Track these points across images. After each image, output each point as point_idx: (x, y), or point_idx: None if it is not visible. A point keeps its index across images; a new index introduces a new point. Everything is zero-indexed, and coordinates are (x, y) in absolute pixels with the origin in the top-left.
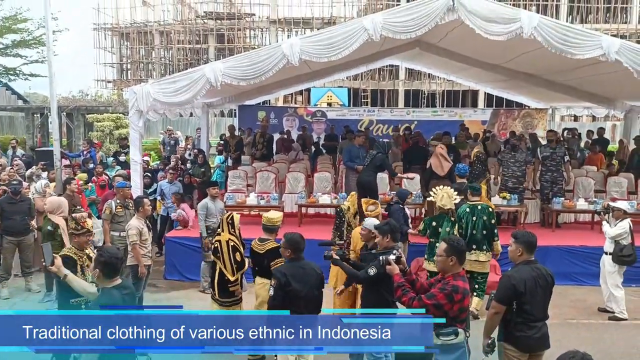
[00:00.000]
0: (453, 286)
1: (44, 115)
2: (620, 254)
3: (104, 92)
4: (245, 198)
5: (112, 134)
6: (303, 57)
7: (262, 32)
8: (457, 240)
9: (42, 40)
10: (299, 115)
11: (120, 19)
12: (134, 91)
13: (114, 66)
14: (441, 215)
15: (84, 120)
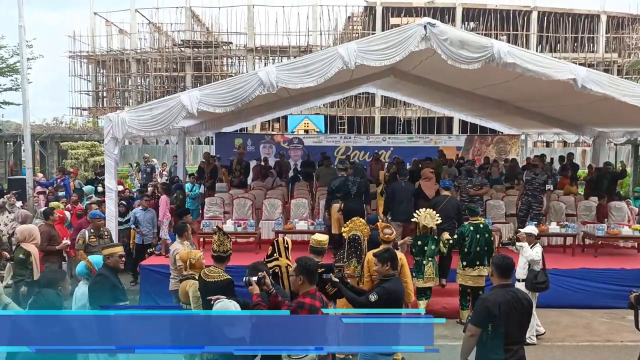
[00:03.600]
0: (298, 302)
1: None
2: (535, 281)
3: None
4: (222, 225)
5: (87, 161)
6: (280, 84)
7: (240, 60)
8: (306, 260)
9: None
10: (276, 142)
11: (96, 47)
12: (110, 119)
13: (89, 94)
14: (424, 235)
15: (58, 148)
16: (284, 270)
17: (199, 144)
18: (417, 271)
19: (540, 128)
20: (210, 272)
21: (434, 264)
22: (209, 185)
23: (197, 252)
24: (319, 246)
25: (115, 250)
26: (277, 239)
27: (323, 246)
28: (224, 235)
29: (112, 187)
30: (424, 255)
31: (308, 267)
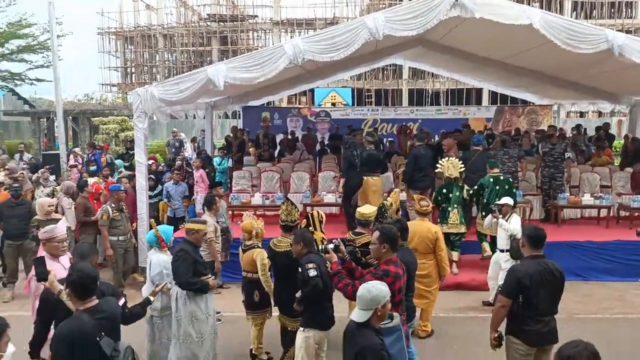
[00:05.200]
0: (384, 270)
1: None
2: (519, 250)
3: (108, 96)
4: (250, 198)
5: (118, 136)
6: (306, 56)
7: (265, 33)
8: (388, 228)
9: (47, 45)
10: (303, 115)
11: (124, 23)
12: (138, 93)
13: (118, 70)
14: (449, 183)
15: (90, 124)
16: (319, 244)
17: (226, 118)
18: (442, 217)
19: (573, 98)
20: (279, 242)
21: (459, 210)
22: (236, 159)
23: (260, 222)
24: (363, 218)
25: (202, 227)
26: (312, 212)
27: (367, 218)
28: (291, 205)
29: (142, 161)
30: (449, 202)
31: (391, 234)
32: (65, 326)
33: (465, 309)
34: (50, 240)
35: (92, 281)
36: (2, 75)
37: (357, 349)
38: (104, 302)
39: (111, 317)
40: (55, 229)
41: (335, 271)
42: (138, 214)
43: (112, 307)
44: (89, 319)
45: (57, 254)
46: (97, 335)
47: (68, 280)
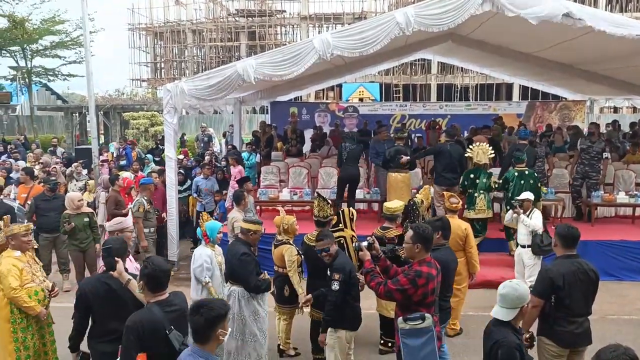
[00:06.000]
0: (416, 271)
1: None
2: (541, 245)
3: (138, 91)
4: (278, 193)
5: (148, 131)
6: (335, 51)
7: (293, 28)
8: (422, 227)
9: (80, 41)
10: (331, 111)
11: (154, 19)
12: (168, 89)
13: (148, 65)
14: (477, 168)
15: (120, 119)
16: (349, 242)
17: (254, 113)
18: (469, 203)
19: (607, 93)
20: (313, 236)
21: (485, 196)
22: (264, 154)
23: (290, 217)
24: (389, 213)
25: (259, 228)
26: (343, 209)
27: (393, 213)
28: (323, 201)
29: (172, 156)
30: (475, 188)
31: (425, 234)
32: (136, 317)
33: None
34: (122, 231)
35: (165, 275)
36: (37, 71)
37: (491, 343)
38: (174, 296)
39: (181, 311)
40: (126, 221)
41: (367, 269)
42: (167, 208)
43: (182, 301)
44: (159, 311)
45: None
46: (166, 328)
47: (142, 272)
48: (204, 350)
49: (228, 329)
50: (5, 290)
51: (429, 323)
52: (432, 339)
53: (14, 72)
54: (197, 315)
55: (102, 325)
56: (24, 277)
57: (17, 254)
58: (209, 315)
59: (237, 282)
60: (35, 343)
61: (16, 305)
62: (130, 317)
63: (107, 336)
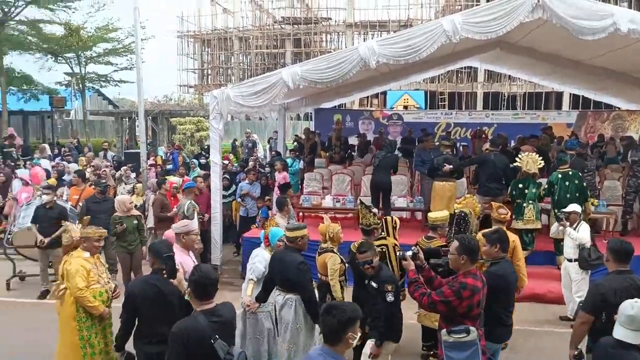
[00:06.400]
0: (461, 283)
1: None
2: (589, 259)
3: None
4: (320, 200)
5: (194, 136)
6: (380, 59)
7: (339, 35)
8: (468, 239)
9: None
10: (375, 118)
11: (202, 27)
12: (215, 95)
13: (195, 72)
14: (526, 178)
15: (168, 124)
16: (391, 250)
17: (298, 120)
18: (517, 213)
19: None
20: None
21: (534, 206)
22: (308, 160)
23: (335, 225)
24: (432, 223)
25: (305, 232)
26: (386, 217)
27: (434, 222)
28: (366, 209)
29: (217, 161)
30: (524, 198)
31: (471, 246)
32: (181, 325)
33: (542, 322)
34: (188, 234)
35: (212, 283)
36: (90, 77)
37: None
38: (222, 306)
39: (227, 322)
40: (192, 224)
41: (411, 279)
42: (212, 212)
43: (229, 312)
44: (204, 320)
45: (192, 247)
46: (211, 337)
47: (190, 279)
48: (333, 351)
49: (358, 334)
50: (72, 289)
51: (474, 336)
52: (477, 353)
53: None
54: (329, 316)
55: (148, 327)
56: (91, 278)
57: (86, 255)
58: (341, 318)
59: (293, 291)
60: (99, 341)
61: (81, 304)
62: (176, 325)
63: (153, 338)
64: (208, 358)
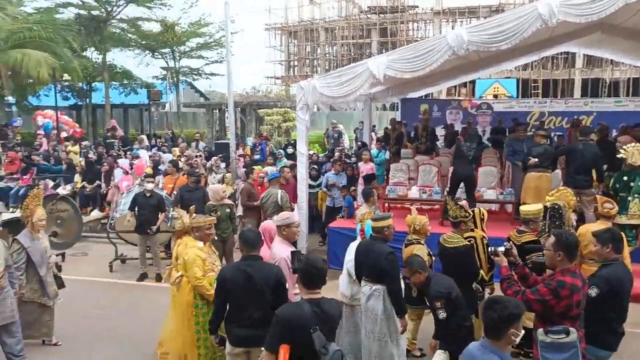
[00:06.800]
0: (559, 281)
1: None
2: None
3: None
4: (406, 191)
5: (280, 127)
6: (470, 47)
7: (425, 24)
8: (566, 235)
9: (222, 42)
10: (463, 108)
11: (289, 19)
12: (301, 86)
13: (282, 63)
14: (632, 171)
15: (256, 115)
16: (479, 242)
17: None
18: (621, 207)
19: None
20: (449, 237)
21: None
22: (394, 151)
23: (422, 217)
24: (525, 216)
25: (390, 222)
26: (473, 209)
27: (526, 216)
28: (452, 201)
29: (303, 152)
30: (629, 191)
31: (569, 242)
32: (286, 310)
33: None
34: (289, 226)
35: (318, 273)
36: (183, 71)
37: None
38: (328, 301)
39: (329, 317)
40: (293, 216)
41: (504, 276)
42: (298, 202)
43: (333, 308)
44: (309, 309)
45: (293, 239)
46: (312, 326)
47: (298, 268)
48: (494, 346)
49: (521, 331)
50: (190, 279)
51: (574, 338)
52: (577, 356)
53: (165, 73)
54: (490, 311)
55: (238, 311)
56: (206, 266)
57: (200, 245)
58: (503, 314)
59: (380, 282)
60: None
61: (199, 292)
62: (281, 308)
63: (243, 321)
64: (305, 346)
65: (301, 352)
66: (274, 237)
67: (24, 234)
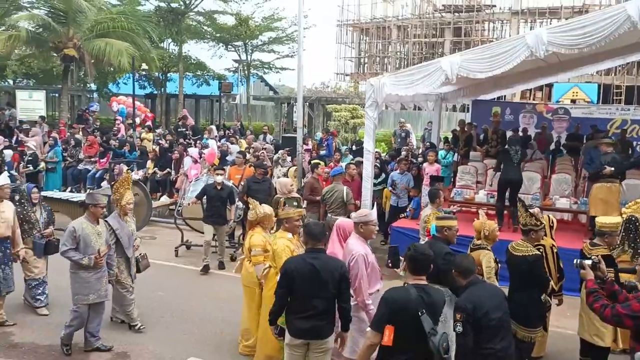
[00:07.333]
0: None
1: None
2: None
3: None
4: (473, 195)
5: (348, 123)
6: (550, 48)
7: (502, 24)
8: None
9: (294, 37)
10: (538, 112)
11: (361, 15)
12: (371, 83)
13: (352, 60)
14: None
15: (324, 110)
16: (549, 251)
17: (453, 111)
18: None
19: None
20: (518, 245)
21: None
22: (462, 153)
23: (491, 223)
24: (601, 228)
25: (454, 223)
26: (542, 216)
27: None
28: (522, 208)
29: (370, 149)
30: None
31: None
32: (393, 292)
33: None
34: (367, 223)
35: (425, 259)
36: (254, 64)
37: None
38: (434, 289)
39: (434, 303)
40: (372, 214)
41: (591, 289)
42: (362, 200)
43: (439, 296)
44: (415, 293)
45: (370, 236)
46: (419, 309)
47: (406, 254)
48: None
49: None
50: (279, 268)
51: None
52: None
53: (236, 65)
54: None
55: (301, 302)
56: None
57: (289, 236)
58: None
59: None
60: None
61: None
62: (388, 291)
63: (305, 313)
64: (410, 327)
65: (405, 333)
66: (349, 235)
67: (113, 217)
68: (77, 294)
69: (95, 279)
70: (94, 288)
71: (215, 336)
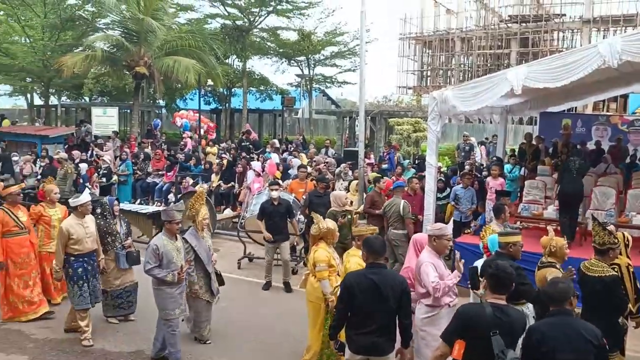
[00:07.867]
0: None
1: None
2: None
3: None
4: (542, 210)
5: (410, 137)
6: (624, 57)
7: (572, 33)
8: None
9: (355, 51)
10: (612, 124)
11: (424, 28)
12: (434, 97)
13: (415, 73)
14: None
15: (386, 124)
16: (625, 271)
17: (520, 124)
18: None
19: None
20: (592, 265)
21: None
22: (530, 167)
23: (560, 239)
24: None
25: (518, 238)
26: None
27: None
28: (599, 226)
29: (432, 163)
30: None
31: None
32: (468, 308)
33: None
34: (440, 237)
35: (507, 277)
36: (317, 79)
37: None
38: (514, 310)
39: (511, 324)
40: (447, 228)
41: None
42: (424, 214)
43: (518, 317)
44: (490, 311)
45: (443, 251)
46: (491, 329)
47: (486, 272)
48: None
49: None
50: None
51: None
52: None
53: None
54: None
55: (362, 318)
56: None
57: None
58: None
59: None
60: None
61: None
62: (464, 305)
63: (365, 328)
64: (479, 346)
65: (475, 351)
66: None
67: (191, 233)
68: (165, 309)
69: (178, 293)
70: (178, 302)
71: (277, 348)
